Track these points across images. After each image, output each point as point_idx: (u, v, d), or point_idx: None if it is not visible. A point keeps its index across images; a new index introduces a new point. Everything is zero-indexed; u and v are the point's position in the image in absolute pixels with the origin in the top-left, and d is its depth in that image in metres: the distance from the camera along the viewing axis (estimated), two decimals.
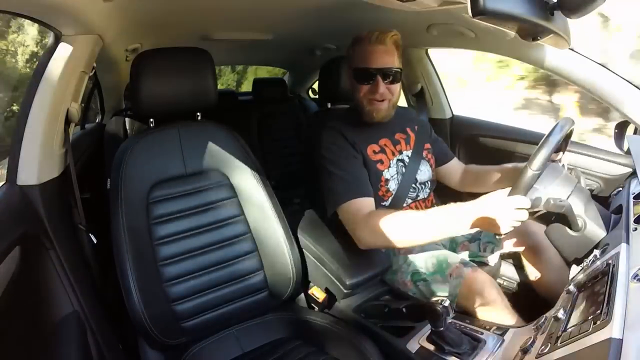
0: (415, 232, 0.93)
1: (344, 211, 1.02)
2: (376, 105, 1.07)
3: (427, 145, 1.22)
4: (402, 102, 1.54)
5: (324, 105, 1.56)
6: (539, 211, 0.81)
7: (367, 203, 1.01)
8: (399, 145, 1.16)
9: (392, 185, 1.11)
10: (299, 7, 1.21)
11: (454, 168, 1.29)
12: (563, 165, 0.92)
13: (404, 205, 1.12)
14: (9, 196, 0.80)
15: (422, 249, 1.08)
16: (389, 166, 1.11)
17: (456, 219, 0.86)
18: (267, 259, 1.07)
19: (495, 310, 0.93)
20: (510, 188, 0.80)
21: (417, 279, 1.04)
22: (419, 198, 1.16)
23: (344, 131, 1.09)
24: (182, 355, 0.96)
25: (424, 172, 1.17)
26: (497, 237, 1.14)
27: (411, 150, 1.17)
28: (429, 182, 1.19)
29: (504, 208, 0.78)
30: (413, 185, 1.14)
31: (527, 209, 0.78)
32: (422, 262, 1.05)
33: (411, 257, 1.08)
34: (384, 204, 1.10)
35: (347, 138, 1.08)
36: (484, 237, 1.17)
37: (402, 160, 1.14)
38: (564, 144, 0.95)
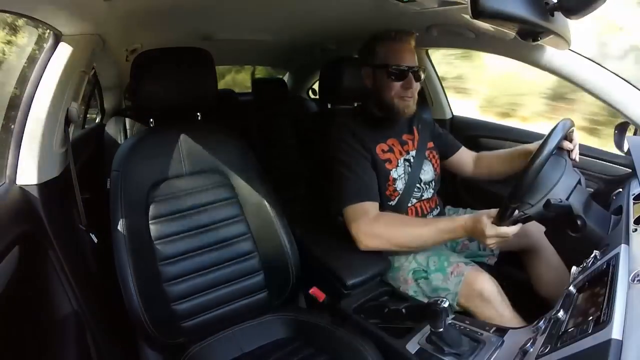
0: (414, 240, 1.00)
1: (349, 212, 1.03)
2: (407, 102, 1.10)
3: (430, 144, 1.22)
4: None
5: (324, 106, 1.56)
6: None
7: (372, 207, 1.03)
8: (407, 145, 1.17)
9: (399, 185, 1.11)
10: (299, 8, 1.21)
11: (465, 157, 1.31)
12: (569, 156, 0.95)
13: (409, 205, 1.13)
14: (8, 196, 0.80)
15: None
16: (397, 165, 1.12)
17: (450, 230, 0.96)
18: (266, 259, 1.07)
19: (495, 311, 0.93)
20: (497, 210, 0.86)
21: (418, 277, 1.04)
22: (423, 198, 1.16)
23: (353, 129, 1.09)
24: (181, 355, 0.96)
25: (428, 172, 1.18)
26: None
27: (415, 150, 1.17)
28: (433, 182, 1.19)
29: (487, 232, 0.87)
30: (417, 185, 1.14)
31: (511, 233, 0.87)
32: (424, 260, 1.05)
33: (412, 255, 1.08)
34: (390, 203, 1.11)
35: (356, 136, 1.08)
36: None
37: (408, 160, 1.15)
38: (569, 138, 0.99)
